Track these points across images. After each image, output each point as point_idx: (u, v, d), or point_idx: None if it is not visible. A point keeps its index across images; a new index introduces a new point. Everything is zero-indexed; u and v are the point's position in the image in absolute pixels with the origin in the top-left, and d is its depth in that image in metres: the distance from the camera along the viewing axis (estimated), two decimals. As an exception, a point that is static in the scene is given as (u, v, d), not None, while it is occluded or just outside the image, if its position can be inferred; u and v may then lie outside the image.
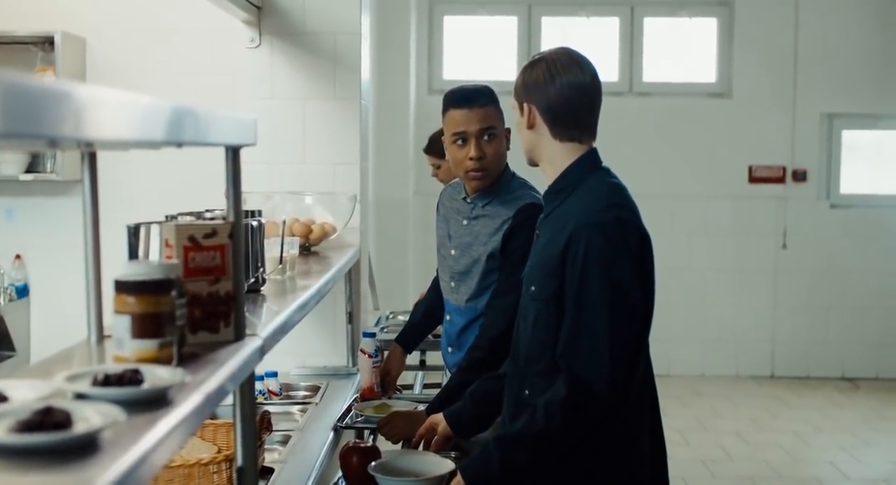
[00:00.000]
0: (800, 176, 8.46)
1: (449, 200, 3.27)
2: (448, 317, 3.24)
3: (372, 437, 3.05)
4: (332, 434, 3.09)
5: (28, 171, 4.76)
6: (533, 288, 2.40)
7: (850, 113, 8.48)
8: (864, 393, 8.09)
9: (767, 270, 8.51)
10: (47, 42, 4.57)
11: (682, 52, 8.66)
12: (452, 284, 3.17)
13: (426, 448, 2.78)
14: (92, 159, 1.81)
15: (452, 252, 3.15)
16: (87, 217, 1.84)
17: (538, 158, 2.47)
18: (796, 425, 7.12)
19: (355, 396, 3.45)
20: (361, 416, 3.13)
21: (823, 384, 8.29)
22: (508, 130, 3.04)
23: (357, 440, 2.88)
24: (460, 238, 3.13)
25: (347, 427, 3.13)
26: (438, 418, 2.78)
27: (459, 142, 3.00)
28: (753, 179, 8.48)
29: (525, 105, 2.43)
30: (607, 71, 8.52)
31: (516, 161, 2.86)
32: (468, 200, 3.12)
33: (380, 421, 2.96)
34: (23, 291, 4.82)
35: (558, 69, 2.39)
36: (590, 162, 2.43)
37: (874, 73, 8.41)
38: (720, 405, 7.64)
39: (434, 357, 4.05)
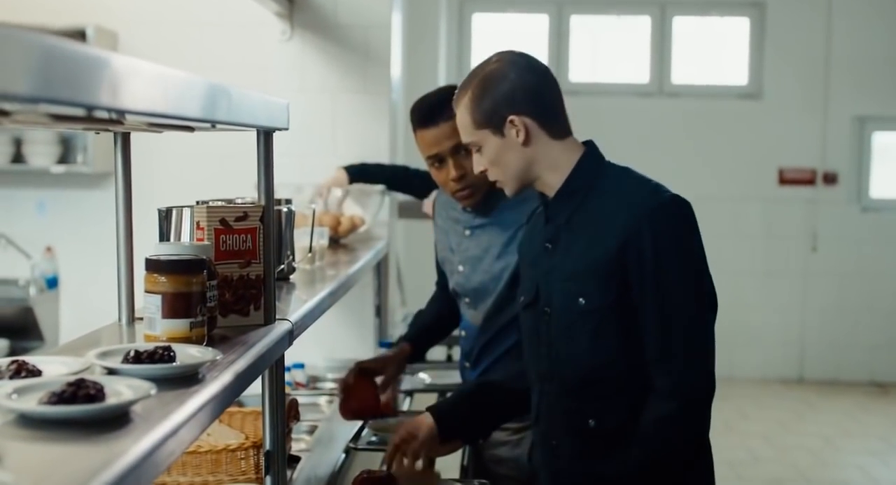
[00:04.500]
0: (830, 178, 8.39)
1: (445, 208, 2.94)
2: (463, 333, 2.95)
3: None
4: (343, 456, 2.81)
5: (59, 162, 4.79)
6: (582, 300, 2.09)
7: (882, 115, 8.41)
8: (894, 398, 8.01)
9: (797, 273, 8.45)
10: (79, 36, 4.59)
11: (713, 52, 8.61)
12: (467, 300, 2.86)
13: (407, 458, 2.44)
14: (125, 141, 1.82)
15: (460, 268, 2.83)
16: (119, 199, 1.85)
17: (535, 174, 2.16)
18: (824, 428, 7.06)
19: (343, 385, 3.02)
20: (377, 435, 2.81)
21: (852, 388, 8.22)
22: None
23: (370, 470, 2.52)
24: (466, 252, 2.81)
25: (361, 449, 2.78)
26: (419, 422, 2.44)
27: (437, 164, 2.72)
28: (783, 182, 8.42)
29: (512, 119, 2.11)
30: (637, 71, 8.49)
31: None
32: (468, 209, 2.81)
33: (402, 437, 2.52)
34: (53, 283, 4.84)
35: (514, 63, 2.14)
36: (597, 155, 2.20)
37: (907, 75, 8.34)
38: (747, 408, 7.58)
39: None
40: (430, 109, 2.69)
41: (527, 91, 2.12)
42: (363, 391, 2.79)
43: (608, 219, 2.08)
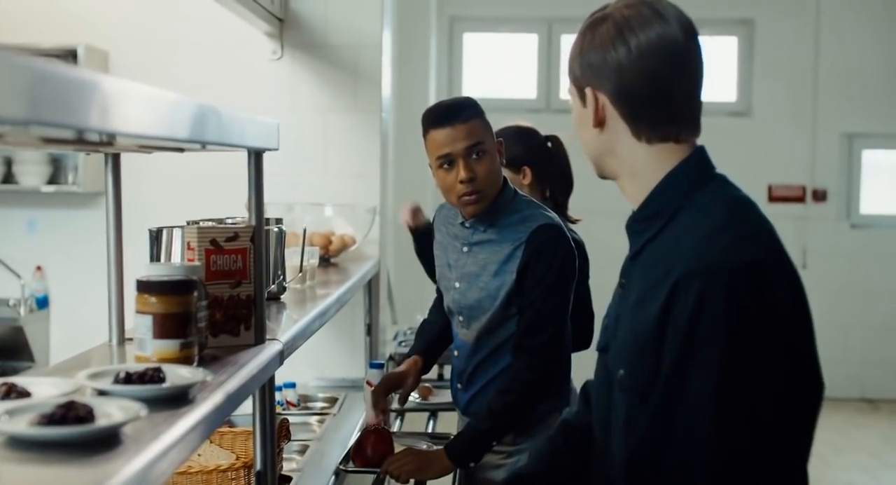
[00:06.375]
0: (820, 196, 8.43)
1: (444, 224, 2.91)
2: (456, 353, 2.90)
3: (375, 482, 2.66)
4: (333, 478, 2.75)
5: (50, 182, 4.78)
6: (622, 372, 1.59)
7: (871, 133, 8.45)
8: (884, 414, 8.03)
9: (787, 289, 8.45)
10: (70, 55, 4.59)
11: (702, 70, 8.63)
12: (461, 318, 2.82)
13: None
14: (116, 161, 1.82)
15: (457, 284, 2.80)
16: (109, 219, 1.85)
17: (613, 170, 1.67)
18: (815, 445, 6.87)
19: (359, 434, 2.93)
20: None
21: (843, 405, 8.22)
22: (501, 143, 2.73)
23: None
24: (463, 268, 2.79)
25: (351, 471, 2.72)
26: None
27: (446, 166, 2.64)
28: (773, 199, 8.45)
29: (587, 91, 1.66)
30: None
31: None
32: (467, 225, 2.77)
33: (390, 458, 2.65)
34: (43, 303, 4.83)
35: (633, 27, 1.59)
36: (696, 169, 1.62)
37: (895, 92, 8.38)
38: (739, 425, 7.56)
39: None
40: (447, 110, 2.67)
41: (623, 75, 1.60)
42: (380, 444, 2.75)
43: (668, 267, 1.51)
